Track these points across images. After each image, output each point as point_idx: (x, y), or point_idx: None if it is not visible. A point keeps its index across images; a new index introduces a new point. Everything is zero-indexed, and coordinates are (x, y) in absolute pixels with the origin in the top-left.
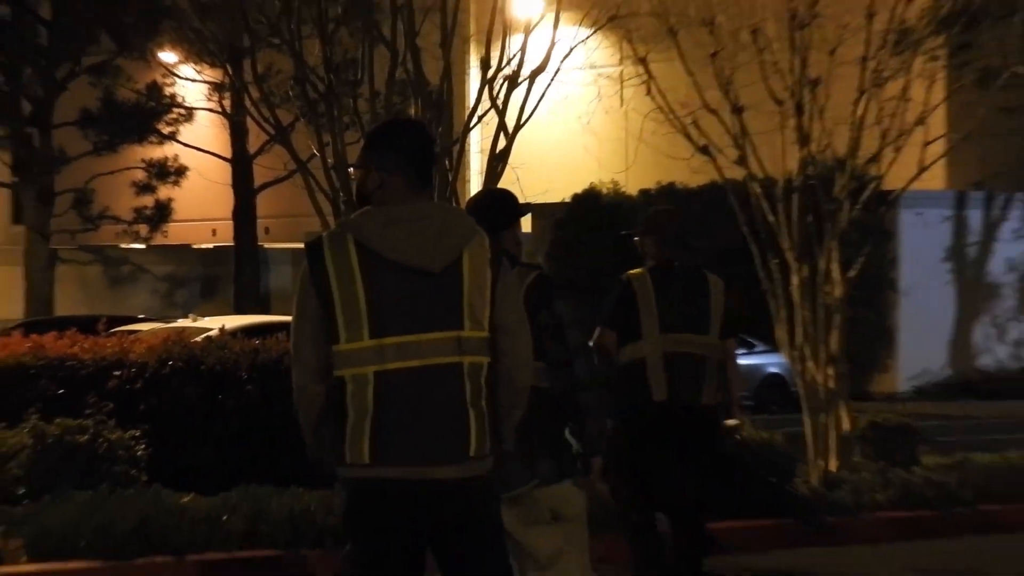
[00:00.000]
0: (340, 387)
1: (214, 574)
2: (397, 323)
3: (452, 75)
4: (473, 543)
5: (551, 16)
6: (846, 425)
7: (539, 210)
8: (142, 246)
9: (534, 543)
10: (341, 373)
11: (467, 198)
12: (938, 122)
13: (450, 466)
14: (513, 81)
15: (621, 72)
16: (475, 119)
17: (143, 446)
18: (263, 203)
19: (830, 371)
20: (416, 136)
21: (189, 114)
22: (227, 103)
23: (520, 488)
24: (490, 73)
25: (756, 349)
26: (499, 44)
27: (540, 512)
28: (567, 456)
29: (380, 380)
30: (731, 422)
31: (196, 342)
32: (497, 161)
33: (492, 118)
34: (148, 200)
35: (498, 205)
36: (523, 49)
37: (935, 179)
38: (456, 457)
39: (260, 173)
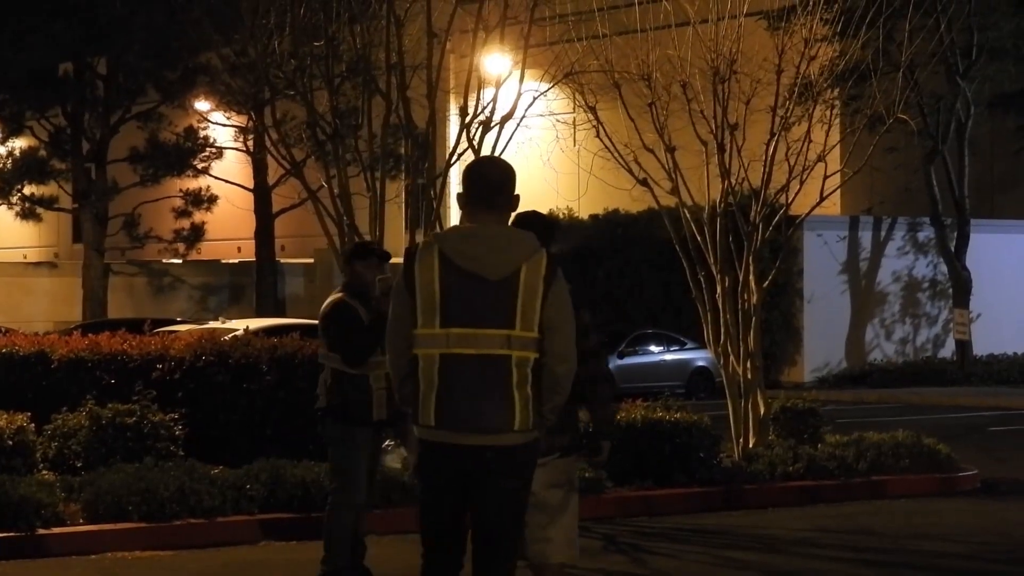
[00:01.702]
0: (416, 362)
1: (239, 533)
2: (462, 317)
3: (436, 121)
4: (500, 498)
5: (517, 73)
6: (762, 409)
7: None
8: (180, 261)
9: (551, 500)
10: (417, 351)
11: (449, 224)
12: (835, 159)
13: (496, 435)
14: (486, 126)
15: (574, 118)
16: (455, 157)
17: (181, 426)
18: (280, 225)
19: (748, 364)
20: (476, 173)
21: (219, 152)
22: (250, 143)
23: (547, 457)
24: (467, 119)
25: (687, 346)
26: (475, 95)
27: (558, 476)
28: (577, 435)
29: (444, 361)
30: None
31: (225, 340)
32: None
33: (469, 156)
34: (185, 223)
35: (531, 225)
36: (494, 100)
37: (833, 206)
38: (502, 429)
39: (277, 201)
